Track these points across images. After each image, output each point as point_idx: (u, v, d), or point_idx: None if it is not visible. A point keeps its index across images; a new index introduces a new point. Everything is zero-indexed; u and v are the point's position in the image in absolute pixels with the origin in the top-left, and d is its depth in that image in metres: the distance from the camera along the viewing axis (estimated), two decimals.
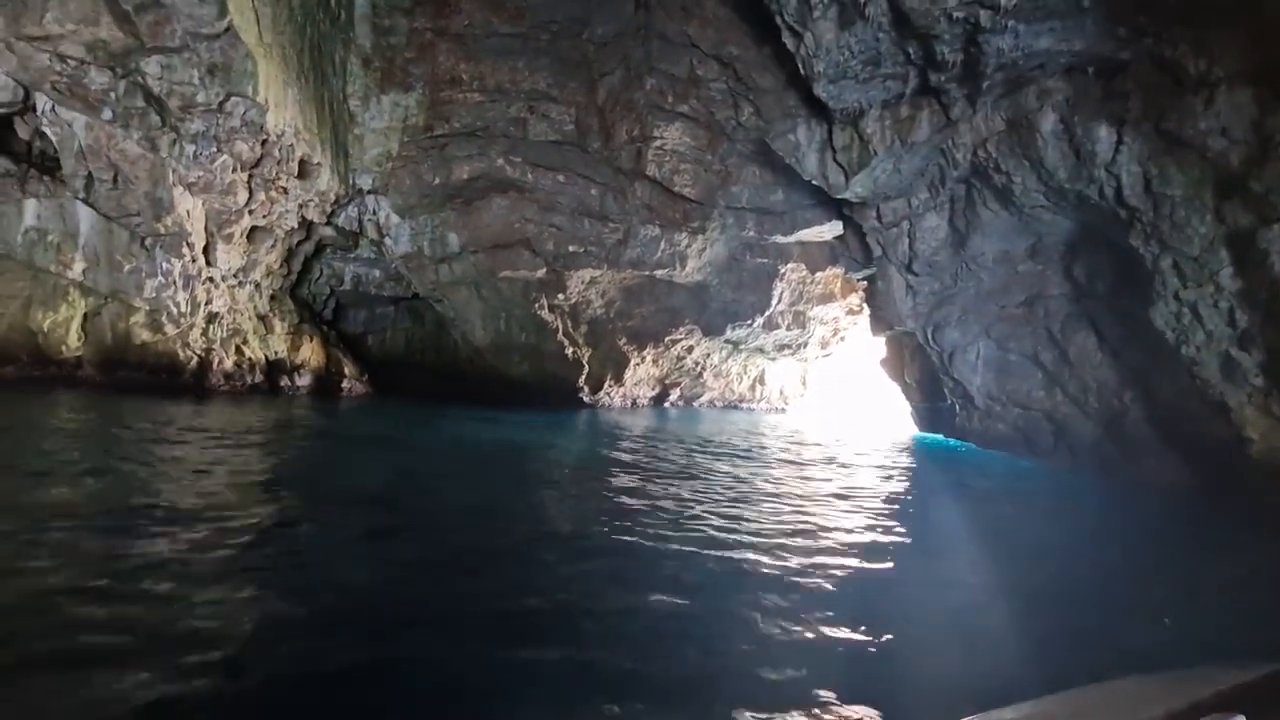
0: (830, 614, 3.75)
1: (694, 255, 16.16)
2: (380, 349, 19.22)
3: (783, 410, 25.84)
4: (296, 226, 14.13)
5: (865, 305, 18.65)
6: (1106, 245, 9.84)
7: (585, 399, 17.84)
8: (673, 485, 7.34)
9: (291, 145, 12.15)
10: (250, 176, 12.24)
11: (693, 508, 6.16)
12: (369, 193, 14.82)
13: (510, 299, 16.23)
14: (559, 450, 10.54)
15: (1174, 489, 9.54)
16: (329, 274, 17.16)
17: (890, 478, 9.89)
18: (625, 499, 6.57)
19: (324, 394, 14.42)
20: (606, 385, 18.07)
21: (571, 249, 15.31)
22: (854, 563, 4.88)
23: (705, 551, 4.76)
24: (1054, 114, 9.19)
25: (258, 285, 14.03)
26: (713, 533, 5.28)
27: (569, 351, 16.94)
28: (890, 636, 3.53)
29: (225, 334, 13.10)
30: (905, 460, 12.58)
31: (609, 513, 5.95)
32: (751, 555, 4.76)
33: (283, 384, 13.83)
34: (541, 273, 15.74)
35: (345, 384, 15.07)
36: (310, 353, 14.73)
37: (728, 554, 4.75)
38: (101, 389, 11.40)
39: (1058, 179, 9.40)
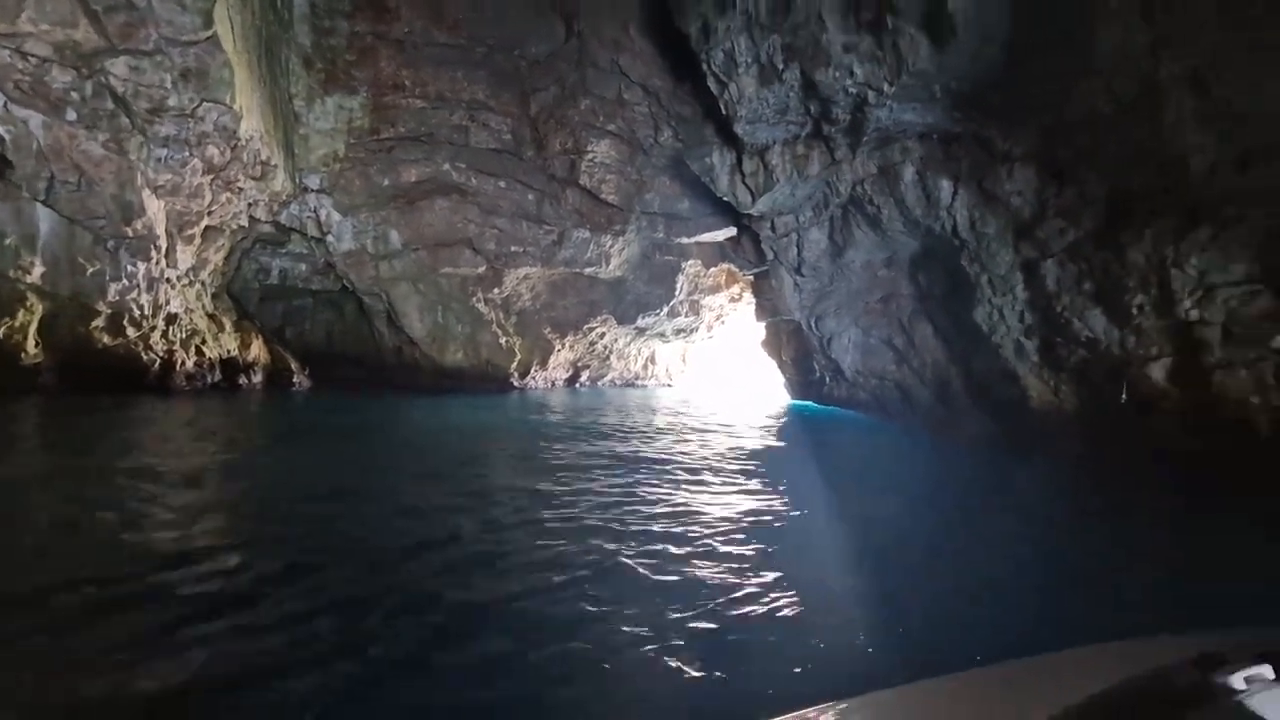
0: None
1: (616, 254, 18.42)
2: (299, 342, 19.27)
3: (669, 385, 29.05)
4: (246, 225, 14.29)
5: (748, 296, 22.16)
6: (942, 262, 13.65)
7: (515, 383, 19.48)
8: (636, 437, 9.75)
9: (258, 149, 12.56)
10: (214, 179, 12.47)
11: (638, 450, 8.64)
12: (314, 191, 15.24)
13: (449, 293, 17.42)
14: (553, 424, 12.47)
15: (981, 436, 13.71)
16: (256, 269, 17.08)
17: (788, 431, 13.09)
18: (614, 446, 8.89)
19: (276, 389, 14.79)
20: (533, 370, 19.83)
21: (513, 249, 16.88)
22: (748, 504, 7.65)
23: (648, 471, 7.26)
24: (912, 167, 12.67)
25: (204, 284, 14.07)
26: (651, 464, 7.81)
27: (502, 340, 18.48)
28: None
29: (184, 335, 13.16)
30: (792, 419, 16.02)
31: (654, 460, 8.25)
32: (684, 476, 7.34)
33: (241, 382, 14.07)
34: (481, 269, 17.14)
35: (295, 379, 15.45)
36: (258, 350, 14.96)
37: (669, 473, 7.29)
38: (61, 394, 11.28)
39: (913, 214, 12.96)
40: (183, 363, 13.13)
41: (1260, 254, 7.50)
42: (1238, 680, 0.89)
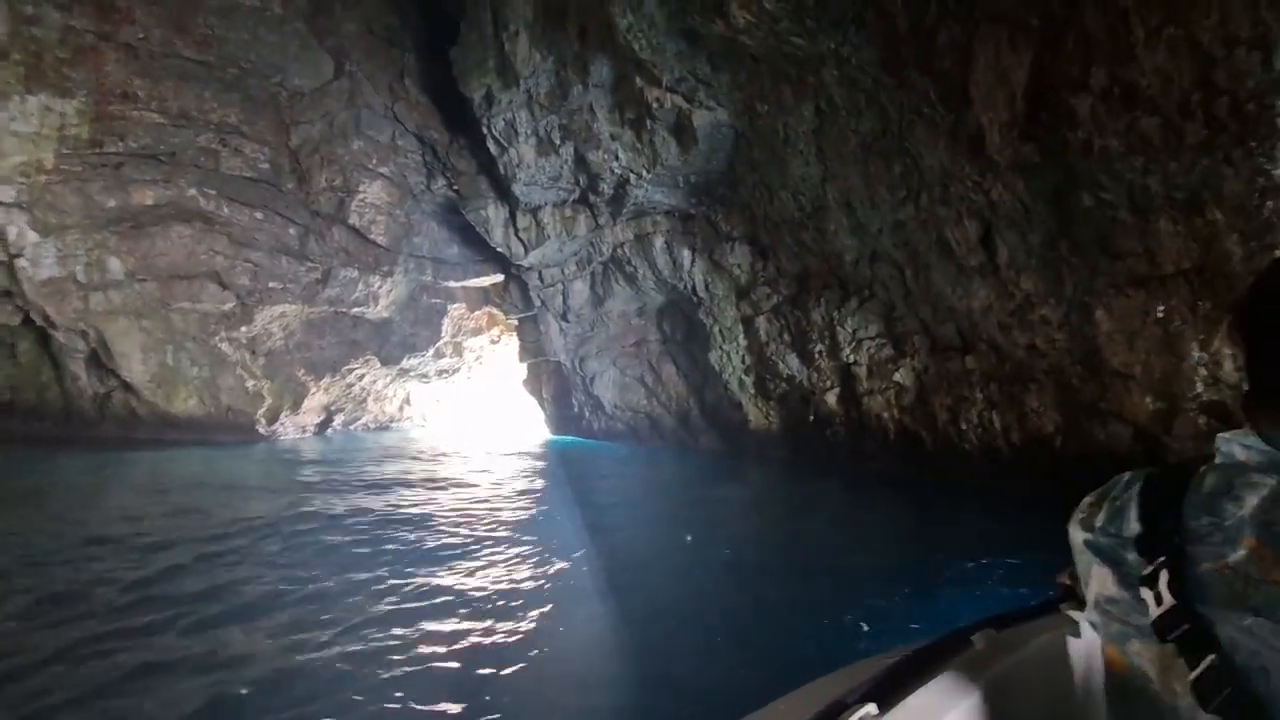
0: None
1: (385, 295, 18.32)
2: None
3: (424, 426, 28.56)
4: None
5: (509, 338, 23.55)
6: (683, 314, 16.86)
7: (262, 430, 17.79)
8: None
9: None
10: None
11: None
12: (4, 206, 12.59)
13: (183, 330, 15.51)
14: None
15: (714, 452, 17.09)
16: None
17: (548, 467, 14.84)
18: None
19: None
20: (283, 416, 18.33)
21: (271, 285, 15.82)
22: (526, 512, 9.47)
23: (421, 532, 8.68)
24: (661, 237, 15.62)
25: None
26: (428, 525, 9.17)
27: (249, 384, 16.89)
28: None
29: None
30: (551, 454, 17.80)
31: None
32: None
33: None
34: (229, 305, 15.68)
35: None
36: None
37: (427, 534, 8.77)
38: None
39: (663, 275, 15.90)
40: None
41: (884, 319, 11.52)
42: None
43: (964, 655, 1.22)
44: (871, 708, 0.99)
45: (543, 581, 5.74)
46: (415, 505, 9.24)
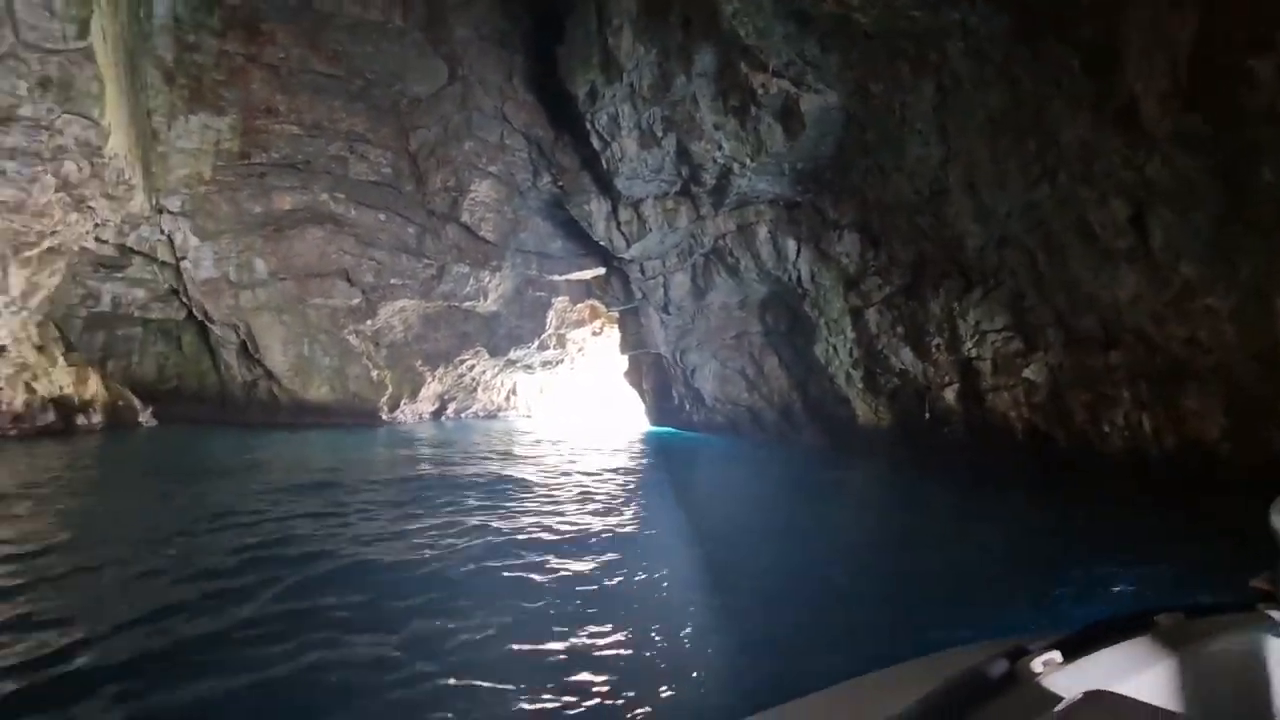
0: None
1: (493, 289, 19.12)
2: (124, 376, 17.22)
3: (529, 416, 29.68)
4: (90, 247, 12.98)
5: (610, 330, 23.90)
6: (786, 305, 16.40)
7: (384, 417, 19.11)
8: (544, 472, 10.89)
9: (121, 168, 11.75)
10: (64, 196, 11.40)
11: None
12: (171, 214, 14.21)
13: (317, 324, 16.89)
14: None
15: (817, 447, 16.55)
16: (83, 295, 15.22)
17: (658, 453, 14.84)
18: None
19: (118, 431, 13.33)
20: (402, 403, 19.61)
21: (392, 281, 16.91)
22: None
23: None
24: (765, 227, 15.24)
25: (30, 312, 12.50)
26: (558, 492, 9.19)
27: (373, 374, 18.18)
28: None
29: (12, 370, 11.60)
30: (649, 445, 17.86)
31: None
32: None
33: (79, 422, 12.56)
34: (355, 301, 16.90)
35: (141, 418, 14.02)
36: (96, 386, 13.44)
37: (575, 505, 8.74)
38: None
39: (766, 266, 15.52)
40: (10, 402, 11.52)
41: (1012, 310, 10.65)
42: (1037, 665, 1.03)
43: (1152, 631, 1.29)
44: (1056, 655, 1.08)
45: (649, 577, 5.74)
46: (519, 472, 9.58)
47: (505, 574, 5.01)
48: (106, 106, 11.08)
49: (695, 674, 3.54)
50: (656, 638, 3.99)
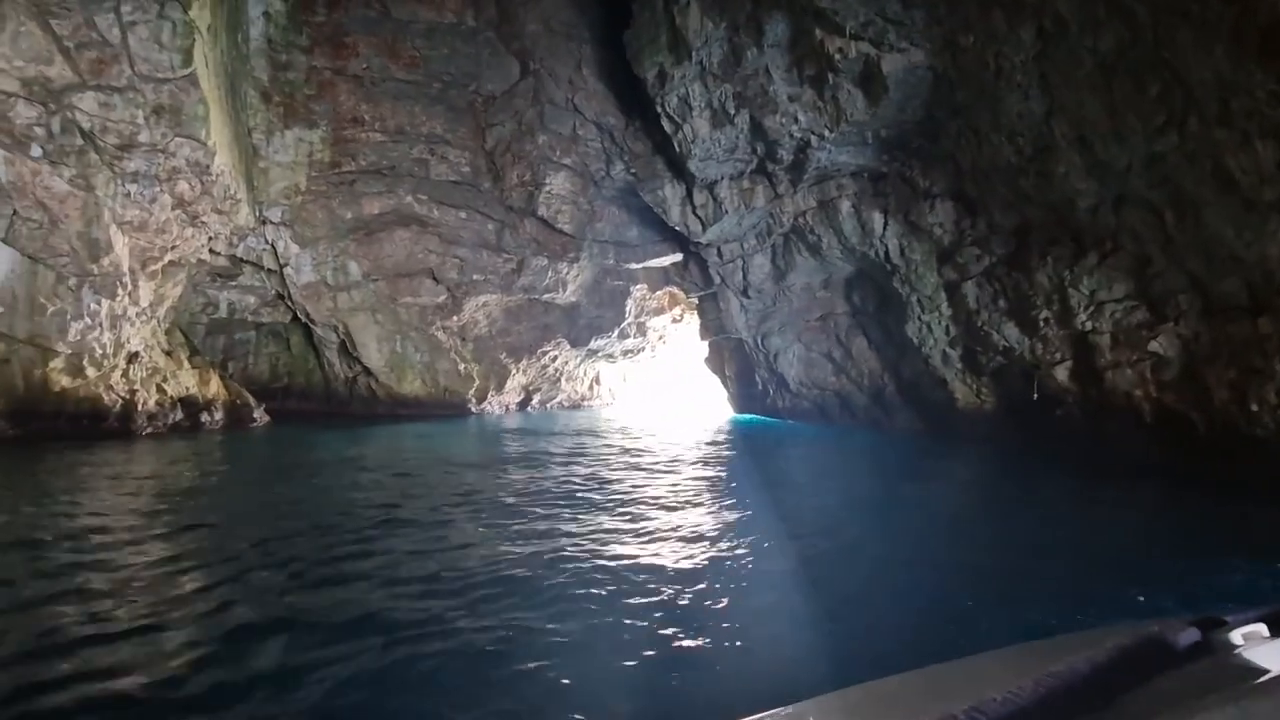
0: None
1: (571, 280, 19.27)
2: (243, 375, 18.71)
3: (612, 404, 29.96)
4: (206, 259, 14.10)
5: (690, 317, 23.58)
6: (874, 283, 15.50)
7: (472, 408, 19.78)
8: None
9: (228, 184, 12.60)
10: (181, 213, 12.38)
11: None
12: (273, 224, 15.21)
13: (407, 322, 17.64)
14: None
15: (913, 432, 15.59)
16: (204, 303, 16.63)
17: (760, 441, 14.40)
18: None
19: (236, 427, 14.48)
20: (489, 395, 20.22)
21: (475, 277, 17.39)
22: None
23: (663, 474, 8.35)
24: (848, 201, 14.43)
25: (159, 321, 13.73)
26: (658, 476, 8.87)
27: (461, 367, 18.82)
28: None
29: (145, 374, 12.80)
30: (733, 433, 17.41)
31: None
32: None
33: (203, 420, 13.74)
34: (442, 298, 17.51)
35: (255, 415, 15.18)
36: (216, 387, 14.64)
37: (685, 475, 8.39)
38: (19, 442, 10.78)
39: (850, 242, 14.71)
40: (144, 403, 12.73)
41: (1134, 277, 9.49)
42: (1236, 637, 0.94)
43: None
44: (1261, 628, 0.96)
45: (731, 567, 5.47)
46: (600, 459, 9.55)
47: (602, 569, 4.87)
48: (211, 128, 11.89)
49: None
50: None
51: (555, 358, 22.23)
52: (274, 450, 12.36)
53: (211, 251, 14.39)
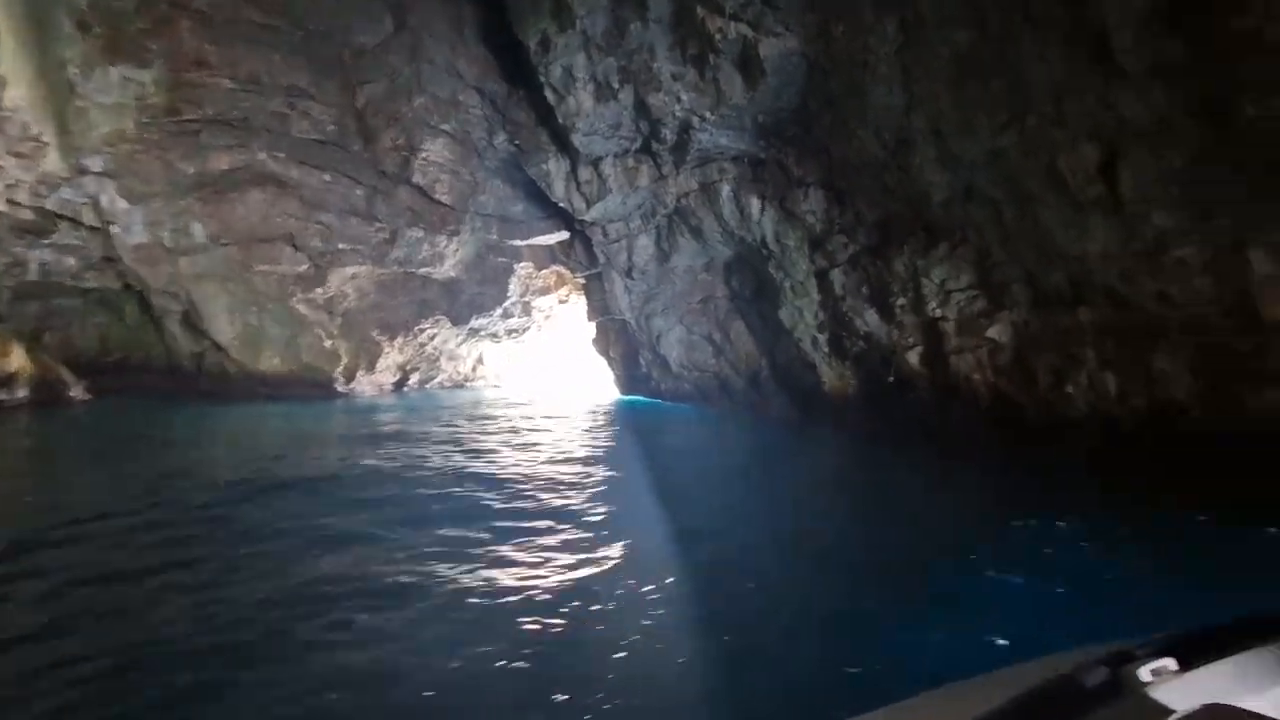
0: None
1: (451, 254, 18.31)
2: (64, 348, 16.34)
3: (498, 386, 29.04)
4: (4, 210, 12.06)
5: (578, 297, 23.20)
6: (752, 268, 15.75)
7: (340, 388, 18.42)
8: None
9: (26, 122, 10.81)
10: None
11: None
12: (95, 174, 13.25)
13: (264, 292, 16.08)
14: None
15: (786, 416, 16.10)
16: (8, 263, 14.26)
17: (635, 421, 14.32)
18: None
19: (50, 405, 12.59)
20: (359, 374, 18.90)
21: (341, 246, 16.07)
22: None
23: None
24: (728, 185, 14.52)
25: None
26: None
27: (326, 344, 17.44)
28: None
29: None
30: (610, 414, 17.35)
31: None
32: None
33: (0, 398, 11.82)
34: (303, 267, 16.07)
35: (71, 392, 13.26)
36: (19, 360, 12.64)
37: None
38: None
39: (730, 226, 14.84)
40: None
41: (977, 268, 10.10)
42: (1144, 673, 0.93)
43: None
44: (1169, 662, 0.96)
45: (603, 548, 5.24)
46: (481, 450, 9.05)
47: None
48: (3, 54, 10.10)
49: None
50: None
51: (434, 335, 21.15)
52: (66, 434, 10.82)
53: (11, 202, 12.35)
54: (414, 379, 22.82)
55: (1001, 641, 3.36)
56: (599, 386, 27.43)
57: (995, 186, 9.26)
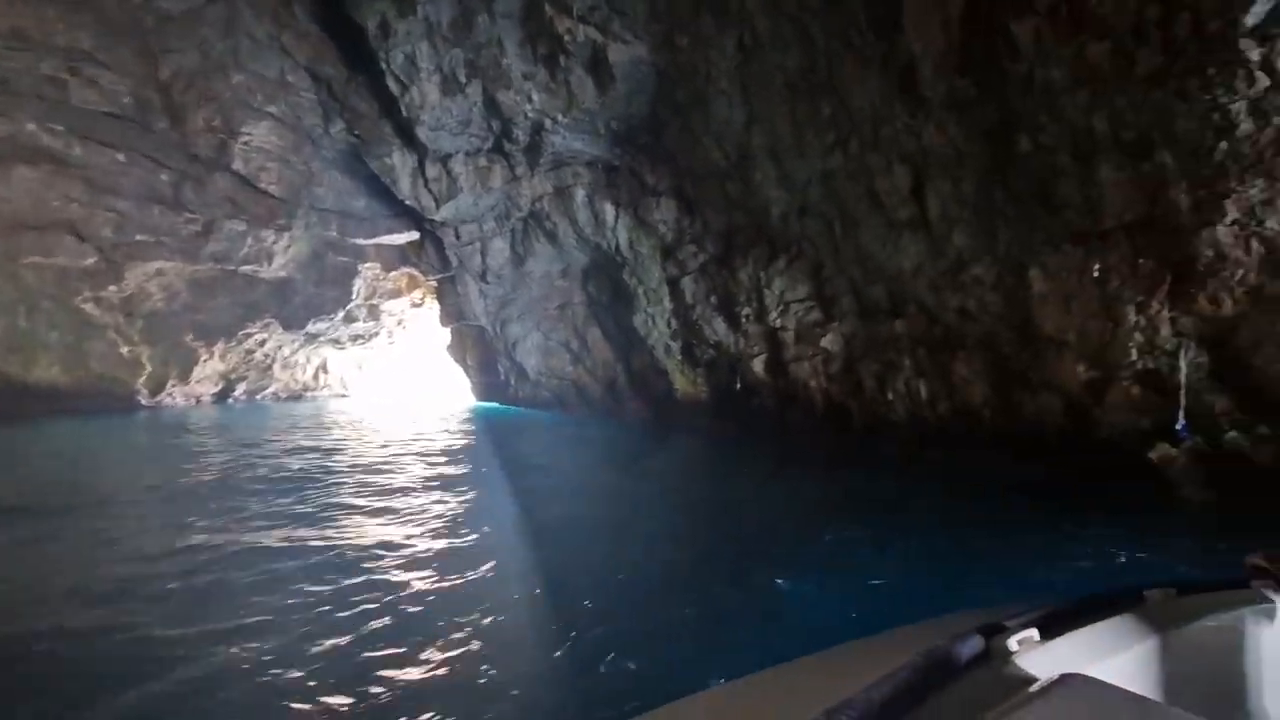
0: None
1: (280, 251, 16.57)
2: None
3: (344, 395, 26.83)
4: None
5: (432, 301, 22.02)
6: (607, 274, 15.67)
7: (144, 401, 16.03)
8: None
9: None
10: None
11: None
12: None
13: (37, 289, 13.59)
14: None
15: (642, 421, 16.17)
16: None
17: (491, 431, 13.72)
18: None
19: None
20: (169, 385, 16.56)
21: (139, 238, 13.95)
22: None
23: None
24: (583, 190, 14.32)
25: None
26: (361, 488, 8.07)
27: (124, 350, 15.08)
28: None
29: None
30: (466, 422, 16.64)
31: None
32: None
33: None
34: (91, 261, 13.78)
35: None
36: None
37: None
38: None
39: (585, 232, 14.65)
40: None
41: (812, 280, 10.63)
42: (1012, 643, 1.02)
43: (1139, 607, 1.25)
44: (1033, 633, 1.05)
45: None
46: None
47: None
48: None
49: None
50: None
51: (264, 341, 19.09)
52: None
53: None
54: (240, 389, 20.47)
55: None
56: (456, 394, 26.23)
57: (825, 204, 9.78)
